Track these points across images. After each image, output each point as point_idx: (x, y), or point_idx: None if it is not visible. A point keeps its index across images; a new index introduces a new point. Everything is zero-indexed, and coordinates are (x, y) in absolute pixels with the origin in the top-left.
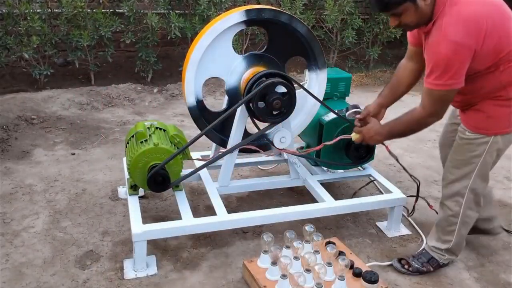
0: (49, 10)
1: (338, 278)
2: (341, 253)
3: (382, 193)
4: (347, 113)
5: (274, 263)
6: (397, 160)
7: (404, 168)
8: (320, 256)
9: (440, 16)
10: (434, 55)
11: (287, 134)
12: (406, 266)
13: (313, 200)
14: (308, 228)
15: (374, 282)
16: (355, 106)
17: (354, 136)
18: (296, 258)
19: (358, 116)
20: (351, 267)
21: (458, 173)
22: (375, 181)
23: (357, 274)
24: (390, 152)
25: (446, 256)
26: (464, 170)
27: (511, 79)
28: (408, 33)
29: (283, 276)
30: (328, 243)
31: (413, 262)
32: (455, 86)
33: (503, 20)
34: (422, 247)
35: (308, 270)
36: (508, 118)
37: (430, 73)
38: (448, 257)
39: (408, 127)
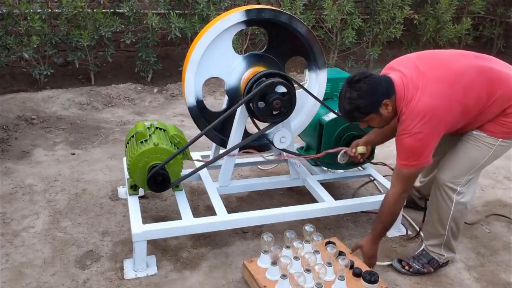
0: (49, 10)
1: (338, 278)
2: (341, 253)
3: (382, 193)
4: (339, 159)
5: (274, 263)
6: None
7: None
8: (320, 256)
9: (401, 113)
10: (400, 144)
11: (287, 134)
12: (406, 267)
13: (313, 200)
14: (308, 228)
15: (374, 282)
16: (340, 150)
17: (361, 149)
18: (296, 258)
19: (348, 151)
20: (351, 267)
21: (458, 171)
22: (375, 181)
23: (357, 274)
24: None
25: (444, 255)
26: (466, 169)
27: (506, 102)
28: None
29: (283, 276)
30: (328, 243)
31: (414, 264)
32: (423, 165)
33: (466, 88)
34: (422, 248)
35: (308, 270)
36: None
37: (399, 157)
38: (447, 256)
39: (388, 214)
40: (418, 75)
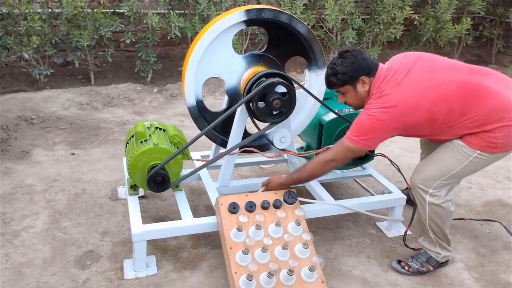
0: (50, 10)
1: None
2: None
3: (370, 192)
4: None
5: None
6: (398, 170)
7: (405, 179)
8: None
9: (371, 94)
10: (356, 119)
11: (287, 134)
12: (406, 267)
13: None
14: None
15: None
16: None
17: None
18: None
19: None
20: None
21: (430, 173)
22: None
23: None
24: (391, 161)
25: (441, 253)
26: (440, 173)
27: (485, 118)
28: None
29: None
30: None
31: (413, 263)
32: (363, 146)
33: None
34: (420, 248)
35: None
36: (493, 141)
37: (349, 130)
38: (444, 255)
39: (310, 170)
40: (404, 73)
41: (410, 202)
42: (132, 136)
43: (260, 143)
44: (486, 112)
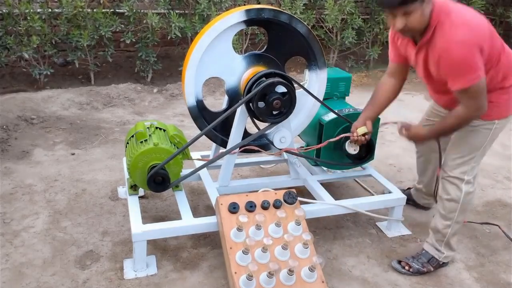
0: (50, 10)
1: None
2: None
3: (370, 192)
4: (348, 150)
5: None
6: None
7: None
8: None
9: (438, 26)
10: (447, 60)
11: (287, 134)
12: (406, 267)
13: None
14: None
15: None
16: (342, 137)
17: (361, 130)
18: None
19: (350, 136)
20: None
21: (462, 160)
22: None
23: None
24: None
25: (444, 253)
26: (469, 156)
27: (508, 69)
28: (391, 52)
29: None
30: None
31: (413, 263)
32: (483, 75)
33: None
34: (422, 248)
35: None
36: (507, 103)
37: (452, 77)
38: (446, 254)
39: (456, 126)
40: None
41: (411, 202)
42: (132, 136)
43: (260, 143)
44: (509, 64)
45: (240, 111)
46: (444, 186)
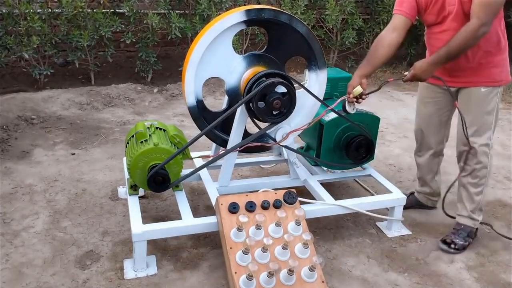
0: (50, 10)
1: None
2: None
3: (370, 192)
4: (348, 110)
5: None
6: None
7: None
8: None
9: None
10: None
11: (289, 130)
12: (452, 246)
13: (313, 200)
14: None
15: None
16: (340, 100)
17: (357, 90)
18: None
19: (348, 97)
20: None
21: (481, 129)
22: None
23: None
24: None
25: (478, 219)
26: (488, 122)
27: (504, 28)
28: (402, 6)
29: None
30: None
31: (457, 240)
32: None
33: None
34: (458, 223)
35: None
36: (508, 68)
37: None
38: (480, 219)
39: (465, 42)
40: None
41: (417, 206)
42: (132, 136)
43: (260, 143)
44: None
45: (240, 111)
46: (472, 157)
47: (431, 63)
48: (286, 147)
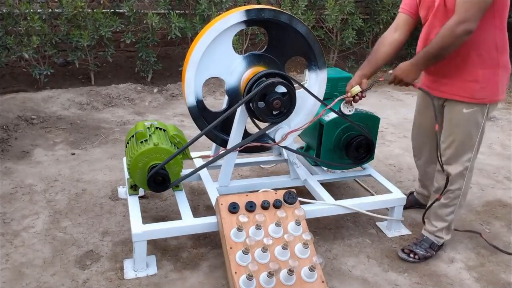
0: (50, 10)
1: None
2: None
3: (370, 192)
4: (343, 111)
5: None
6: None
7: None
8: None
9: None
10: None
11: (288, 131)
12: (411, 255)
13: (313, 200)
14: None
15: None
16: (339, 100)
17: (355, 90)
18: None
19: (346, 96)
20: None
21: (462, 149)
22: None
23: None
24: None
25: (444, 238)
26: (468, 145)
27: (504, 43)
28: (405, 4)
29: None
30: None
31: (418, 250)
32: None
33: None
34: (421, 234)
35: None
36: (498, 86)
37: None
38: (445, 239)
39: (442, 40)
40: None
41: (417, 206)
42: (132, 136)
43: (260, 143)
44: (503, 37)
45: (240, 111)
46: (449, 179)
47: (412, 63)
48: (285, 147)
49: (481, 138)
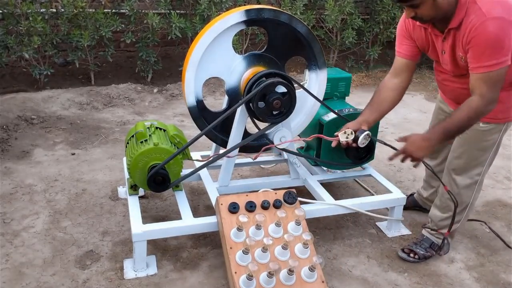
0: (53, 10)
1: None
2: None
3: (370, 192)
4: (360, 140)
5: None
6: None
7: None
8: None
9: (470, 8)
10: (480, 37)
11: (287, 134)
12: (411, 255)
13: (313, 200)
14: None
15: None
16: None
17: (341, 137)
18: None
19: (333, 139)
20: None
21: (474, 162)
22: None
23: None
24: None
25: (445, 241)
26: (480, 159)
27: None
28: (401, 46)
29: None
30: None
31: (418, 250)
32: (508, 63)
33: None
34: (421, 234)
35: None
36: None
37: (479, 57)
38: (441, 237)
39: (466, 121)
40: None
41: (417, 208)
42: (132, 136)
43: (260, 143)
44: None
45: (240, 111)
46: (458, 192)
47: (425, 138)
48: (285, 150)
49: (495, 154)
